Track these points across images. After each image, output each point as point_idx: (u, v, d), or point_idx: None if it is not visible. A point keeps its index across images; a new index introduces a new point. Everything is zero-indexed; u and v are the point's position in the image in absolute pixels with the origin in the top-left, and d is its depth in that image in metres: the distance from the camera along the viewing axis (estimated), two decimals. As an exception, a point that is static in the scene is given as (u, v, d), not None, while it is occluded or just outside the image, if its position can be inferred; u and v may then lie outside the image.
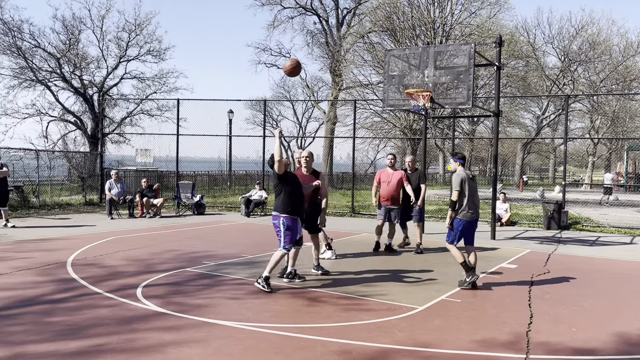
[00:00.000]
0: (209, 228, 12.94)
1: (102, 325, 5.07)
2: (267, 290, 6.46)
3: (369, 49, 28.25)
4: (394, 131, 29.58)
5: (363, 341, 4.80)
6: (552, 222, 14.15)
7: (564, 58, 39.46)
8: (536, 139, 45.09)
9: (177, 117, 18.00)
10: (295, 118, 48.67)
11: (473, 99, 10.32)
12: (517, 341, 4.88)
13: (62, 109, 27.85)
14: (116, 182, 15.02)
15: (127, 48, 28.36)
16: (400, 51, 11.80)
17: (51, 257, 8.46)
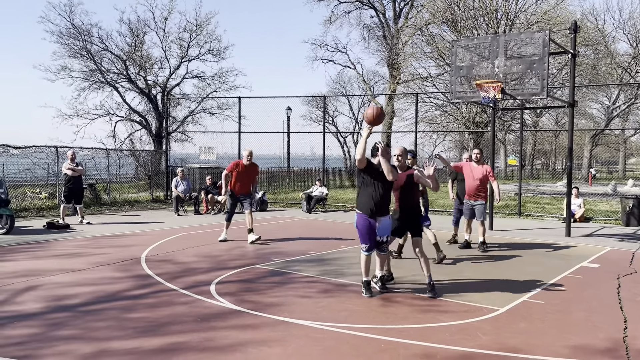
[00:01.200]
0: (273, 224, 13.00)
1: (180, 322, 5.11)
2: (366, 294, 6.12)
3: (428, 40, 27.62)
4: (455, 124, 28.83)
5: (446, 344, 4.60)
6: (632, 218, 13.32)
7: (636, 44, 37.24)
8: (605, 130, 42.81)
9: (238, 115, 18.23)
10: (350, 113, 48.42)
11: (547, 89, 9.80)
12: (615, 348, 4.53)
13: (128, 109, 28.87)
14: (182, 180, 15.37)
15: (189, 48, 29.03)
16: (468, 41, 11.38)
17: (126, 253, 8.70)
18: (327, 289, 6.52)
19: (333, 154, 44.09)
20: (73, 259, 8.17)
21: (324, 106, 19.94)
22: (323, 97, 21.62)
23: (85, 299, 5.92)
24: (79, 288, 6.37)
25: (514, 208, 16.14)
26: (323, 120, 19.79)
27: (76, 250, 9.03)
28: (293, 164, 30.51)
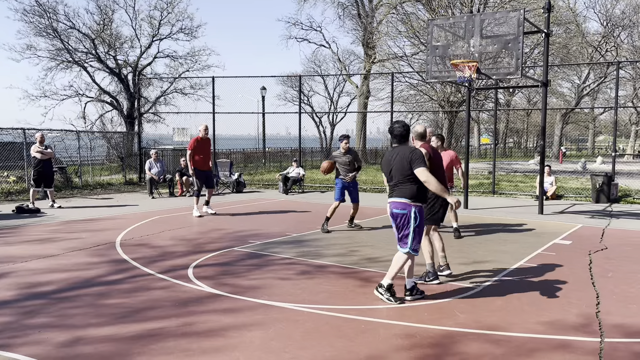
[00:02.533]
0: (250, 206, 12.92)
1: (159, 307, 5.05)
2: (395, 302, 5.18)
3: (403, 19, 27.51)
4: (430, 104, 28.95)
5: (425, 324, 4.65)
6: (602, 195, 13.65)
7: (606, 23, 37.78)
8: (575, 109, 43.57)
9: (212, 95, 17.94)
10: (326, 93, 48.19)
11: (522, 69, 9.87)
12: (588, 323, 4.65)
13: (98, 89, 28.17)
14: (156, 162, 15.13)
15: (160, 27, 28.33)
16: (444, 20, 11.35)
17: (100, 238, 8.55)
18: (306, 270, 6.52)
19: (309, 134, 44.00)
20: (45, 245, 7.99)
21: (299, 86, 19.77)
22: (299, 77, 21.41)
23: (59, 285, 5.80)
24: (52, 274, 6.24)
25: (488, 187, 16.37)
26: (299, 100, 19.63)
27: (48, 235, 8.83)
28: (269, 145, 30.33)
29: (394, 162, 5.21)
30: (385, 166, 5.33)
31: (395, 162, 5.20)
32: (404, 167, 5.13)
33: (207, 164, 11.17)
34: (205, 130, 11.16)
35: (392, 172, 5.21)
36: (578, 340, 4.27)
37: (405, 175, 5.14)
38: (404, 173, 5.15)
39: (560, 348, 4.11)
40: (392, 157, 5.28)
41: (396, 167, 5.18)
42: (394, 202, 5.23)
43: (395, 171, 5.19)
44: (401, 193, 5.19)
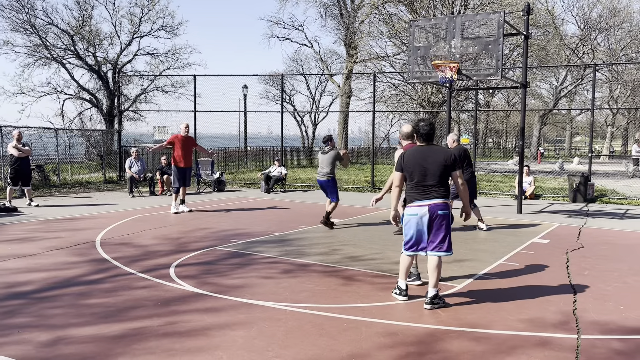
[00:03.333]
0: (232, 205, 12.88)
1: (140, 307, 5.02)
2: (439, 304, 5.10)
3: (385, 19, 27.65)
4: (411, 104, 29.16)
5: (407, 321, 4.71)
6: (578, 195, 13.91)
7: (583, 26, 38.51)
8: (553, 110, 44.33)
9: (194, 94, 17.84)
10: (308, 92, 48.24)
11: (502, 70, 10.02)
12: (566, 321, 4.75)
13: (77, 86, 27.77)
14: (136, 160, 14.98)
15: (140, 24, 28.07)
16: (425, 21, 11.45)
17: (80, 237, 8.45)
18: (289, 269, 6.53)
19: (291, 134, 44.01)
20: (24, 244, 7.86)
21: (281, 85, 19.74)
22: (281, 76, 21.39)
23: (39, 285, 5.72)
24: (31, 274, 6.15)
25: (468, 186, 16.55)
26: (281, 99, 19.60)
27: (26, 234, 8.70)
28: (250, 144, 30.24)
29: (430, 162, 5.07)
30: (412, 165, 5.11)
31: (431, 163, 5.06)
32: (445, 168, 5.06)
33: (188, 161, 11.34)
34: (186, 128, 11.39)
35: (428, 172, 5.04)
36: (557, 337, 4.37)
37: (444, 176, 5.08)
38: (444, 175, 5.08)
39: (539, 345, 4.20)
40: (423, 157, 5.10)
41: (434, 167, 5.05)
42: (437, 203, 5.04)
43: (434, 171, 5.04)
44: (441, 194, 5.08)
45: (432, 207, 5.05)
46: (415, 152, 5.21)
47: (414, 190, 5.15)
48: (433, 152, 5.14)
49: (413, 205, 5.14)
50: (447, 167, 5.09)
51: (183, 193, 11.49)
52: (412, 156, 5.18)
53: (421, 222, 5.07)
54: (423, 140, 5.24)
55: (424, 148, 5.21)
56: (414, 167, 5.12)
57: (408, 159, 5.19)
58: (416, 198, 5.11)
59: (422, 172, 5.08)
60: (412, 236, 5.15)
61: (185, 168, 11.34)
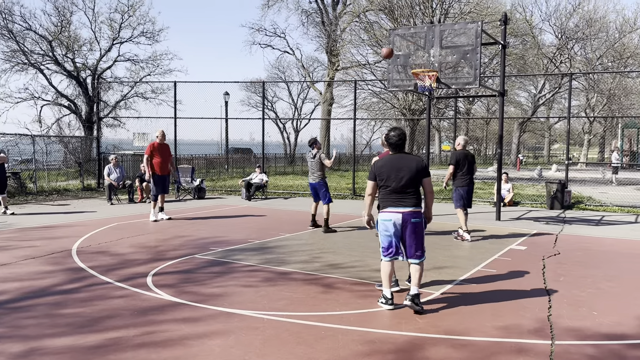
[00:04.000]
0: (212, 212, 12.81)
1: (117, 317, 4.96)
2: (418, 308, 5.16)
3: (366, 28, 27.87)
4: (392, 111, 29.38)
5: (385, 329, 4.73)
6: (556, 202, 14.12)
7: (560, 36, 39.19)
8: (532, 118, 45.03)
9: (174, 100, 17.73)
10: (290, 99, 48.29)
11: (480, 79, 10.16)
12: (541, 327, 4.81)
13: (55, 92, 27.42)
14: (115, 167, 14.83)
15: (120, 30, 27.87)
16: (405, 30, 11.57)
17: (56, 245, 8.32)
18: (269, 277, 6.51)
19: (272, 140, 43.94)
20: (-3, 253, 7.72)
21: (262, 92, 19.72)
22: (262, 83, 21.39)
23: (13, 295, 5.62)
24: (5, 284, 6.04)
25: (447, 193, 16.70)
26: (262, 106, 19.59)
27: (1, 243, 8.53)
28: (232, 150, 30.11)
29: (403, 169, 5.20)
30: (386, 173, 5.22)
31: (404, 170, 5.20)
32: (418, 176, 5.22)
33: (165, 168, 11.29)
34: (162, 135, 11.33)
35: (404, 180, 5.17)
36: (532, 344, 4.42)
37: (417, 183, 5.24)
38: (416, 181, 5.23)
39: (515, 352, 4.25)
40: (397, 165, 5.23)
41: (409, 175, 5.19)
42: (413, 211, 5.20)
43: (409, 180, 5.18)
44: (416, 201, 5.24)
45: (406, 215, 5.20)
46: (388, 160, 5.33)
47: (388, 197, 5.28)
48: (406, 160, 5.29)
49: (387, 211, 5.27)
50: (420, 174, 5.25)
51: (162, 200, 11.41)
52: (385, 165, 5.31)
53: (395, 227, 5.21)
54: (394, 149, 5.38)
55: (396, 156, 5.35)
56: (388, 175, 5.25)
57: (381, 168, 5.32)
58: (390, 204, 5.26)
59: (396, 180, 5.21)
60: (387, 240, 5.29)
61: (163, 175, 11.28)
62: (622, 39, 38.39)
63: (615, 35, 38.67)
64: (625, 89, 40.07)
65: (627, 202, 14.92)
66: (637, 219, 12.38)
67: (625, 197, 16.40)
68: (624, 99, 40.98)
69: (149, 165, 11.13)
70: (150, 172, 11.15)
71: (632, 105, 42.68)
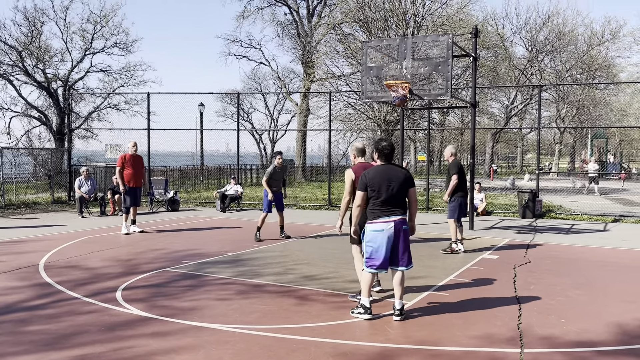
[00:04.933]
0: (185, 225, 12.66)
1: (84, 333, 4.83)
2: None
3: (341, 40, 28.08)
4: (368, 122, 29.57)
5: (357, 340, 4.71)
6: (527, 211, 14.35)
7: (531, 48, 40.10)
8: (505, 129, 45.85)
9: (147, 111, 17.54)
10: (266, 110, 48.27)
11: (451, 90, 10.30)
12: (512, 336, 4.85)
13: (25, 103, 26.88)
14: (86, 180, 14.56)
15: (93, 40, 27.51)
16: (378, 42, 11.69)
17: (23, 260, 8.10)
18: (242, 290, 6.44)
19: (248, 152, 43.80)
20: (-40, 269, 7.48)
21: (237, 103, 19.68)
22: (237, 94, 21.34)
23: (-26, 312, 5.43)
24: (-34, 301, 5.84)
25: (422, 203, 16.84)
26: (237, 117, 19.52)
27: (-36, 258, 8.27)
28: (207, 162, 29.90)
29: (394, 180, 5.28)
30: (378, 184, 5.25)
31: (395, 181, 5.28)
32: (406, 185, 5.34)
33: (138, 180, 11.21)
34: (134, 147, 11.29)
35: (394, 191, 5.25)
36: (503, 352, 4.45)
37: (405, 193, 5.35)
38: (404, 191, 5.34)
39: (484, 360, 4.27)
40: (388, 175, 5.30)
41: (399, 185, 5.28)
42: (401, 219, 5.31)
43: (398, 189, 5.27)
44: (403, 211, 5.35)
45: (397, 223, 5.27)
46: (379, 171, 5.36)
47: (378, 208, 5.30)
48: (395, 171, 5.38)
49: (378, 221, 5.28)
50: (407, 184, 5.35)
51: (134, 213, 11.26)
52: (377, 175, 5.33)
53: (386, 237, 5.23)
54: (384, 160, 5.43)
55: (386, 167, 5.39)
56: (380, 185, 5.27)
57: (373, 178, 5.32)
58: (381, 215, 5.27)
59: (388, 190, 5.26)
60: (376, 251, 5.26)
61: (135, 188, 11.16)
62: (590, 52, 39.47)
63: (584, 48, 39.75)
64: (594, 100, 41.13)
65: (596, 210, 15.25)
66: (606, 227, 12.65)
67: (594, 205, 16.77)
68: (593, 110, 42.06)
69: (121, 177, 11.00)
70: (122, 184, 11.03)
71: (600, 116, 43.83)
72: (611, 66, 41.21)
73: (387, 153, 5.40)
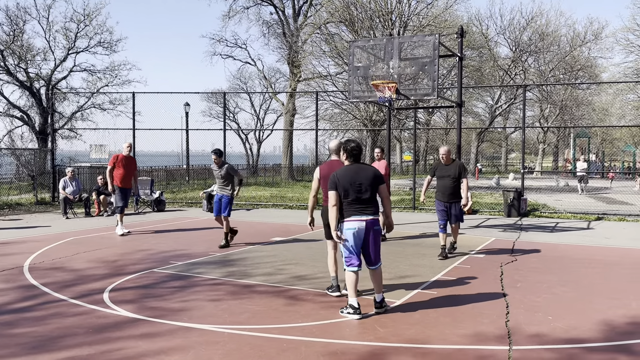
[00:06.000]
0: (172, 225, 12.57)
1: (71, 335, 4.78)
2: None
3: (327, 39, 28.12)
4: (354, 122, 29.64)
5: (347, 339, 4.72)
6: (512, 210, 14.49)
7: (515, 48, 40.53)
8: (490, 128, 46.24)
9: (132, 111, 17.41)
10: (252, 110, 48.12)
11: (438, 90, 10.37)
12: (500, 334, 4.90)
13: (7, 103, 26.50)
14: (71, 180, 14.40)
15: (76, 39, 27.22)
16: (365, 42, 11.72)
17: (6, 262, 7.98)
18: (232, 291, 6.42)
19: (235, 151, 43.60)
20: (-57, 272, 7.35)
21: (224, 103, 19.61)
22: (223, 94, 21.25)
23: (-42, 315, 5.35)
24: (-50, 304, 5.75)
25: (408, 202, 16.92)
26: (223, 117, 19.45)
27: (-54, 261, 8.14)
28: (193, 162, 29.71)
29: (363, 179, 5.37)
30: (347, 183, 5.34)
31: (364, 179, 5.37)
32: (376, 183, 5.42)
33: (128, 182, 11.10)
34: (128, 147, 11.17)
35: (362, 189, 5.34)
36: (492, 350, 4.49)
37: (374, 192, 5.44)
38: (374, 190, 5.43)
39: (477, 358, 4.30)
40: (356, 175, 5.38)
41: (367, 184, 5.37)
42: (374, 219, 5.41)
43: (367, 188, 5.37)
44: (374, 210, 5.44)
45: (369, 223, 5.39)
46: (347, 171, 5.46)
47: (350, 207, 5.41)
48: (363, 170, 5.48)
49: (350, 219, 5.39)
50: (377, 182, 5.46)
51: (117, 213, 11.14)
52: (345, 175, 5.43)
53: (357, 235, 5.36)
54: (353, 160, 5.54)
55: (354, 167, 5.50)
56: (349, 185, 5.38)
57: (343, 178, 5.42)
58: (353, 213, 5.39)
59: (357, 190, 5.37)
60: (352, 250, 5.40)
61: (125, 189, 11.06)
62: (573, 52, 40.00)
63: (567, 49, 40.27)
64: (577, 100, 41.71)
65: (579, 209, 15.46)
66: (589, 225, 12.83)
67: (578, 204, 17.00)
68: (575, 110, 42.65)
69: (110, 176, 10.88)
70: (111, 183, 10.89)
71: (582, 115, 44.47)
72: (593, 66, 41.83)
73: (355, 154, 5.53)
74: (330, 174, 5.66)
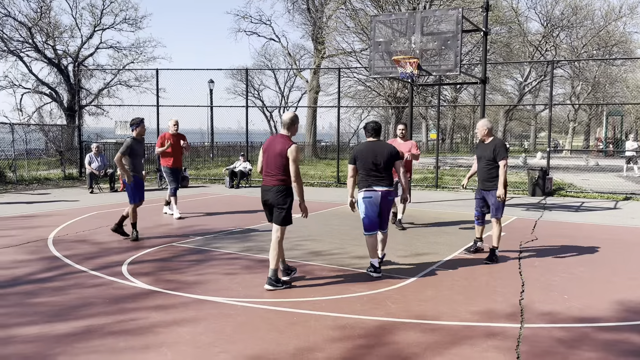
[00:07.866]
0: (194, 201, 12.74)
1: (89, 305, 4.92)
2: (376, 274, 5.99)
3: (351, 15, 27.71)
4: (378, 99, 29.33)
5: (356, 314, 4.74)
6: (537, 189, 14.23)
7: (546, 23, 39.34)
8: (518, 106, 45.22)
9: (156, 88, 17.53)
10: (277, 87, 48.02)
11: (460, 66, 10.15)
12: (512, 312, 4.86)
13: (36, 80, 27.01)
14: (96, 156, 14.67)
15: (102, 16, 27.46)
16: (386, 17, 11.51)
17: (32, 234, 8.22)
18: (248, 265, 6.50)
19: (259, 129, 43.73)
20: (-28, 243, 7.61)
21: (246, 80, 19.57)
22: (245, 70, 21.22)
23: (-17, 284, 5.55)
24: (-24, 273, 5.96)
25: (431, 180, 16.77)
26: (246, 94, 19.46)
27: (-24, 232, 8.42)
28: (217, 139, 29.94)
29: (379, 154, 5.97)
30: (365, 157, 5.97)
31: (380, 155, 5.97)
32: (391, 158, 6.02)
33: (179, 161, 10.41)
34: (175, 125, 10.28)
35: (380, 163, 5.94)
36: (503, 327, 4.46)
37: (390, 166, 6.04)
38: (389, 164, 6.03)
39: (485, 336, 4.28)
40: (374, 150, 6.00)
41: (383, 159, 5.97)
42: (388, 190, 6.01)
43: (383, 162, 5.96)
44: (389, 182, 6.03)
45: (384, 193, 5.99)
46: (366, 146, 6.12)
47: (367, 178, 6.02)
48: (381, 147, 6.11)
49: (367, 189, 6.00)
50: (393, 158, 6.06)
51: (170, 195, 10.31)
52: (364, 149, 6.09)
53: (374, 203, 5.96)
54: (373, 136, 6.15)
55: (373, 143, 6.13)
56: (366, 159, 6.00)
57: (360, 153, 6.09)
58: (370, 184, 6.00)
59: (375, 163, 5.97)
60: (367, 217, 6.00)
61: (176, 168, 10.28)
62: (607, 27, 38.61)
63: (601, 23, 38.88)
64: (610, 77, 40.37)
65: (607, 188, 15.08)
66: (617, 205, 12.52)
67: (606, 183, 16.57)
68: (609, 87, 41.31)
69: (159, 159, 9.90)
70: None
71: (616, 93, 43.05)
72: (628, 42, 40.36)
73: (371, 129, 6.12)
74: (269, 148, 5.42)
